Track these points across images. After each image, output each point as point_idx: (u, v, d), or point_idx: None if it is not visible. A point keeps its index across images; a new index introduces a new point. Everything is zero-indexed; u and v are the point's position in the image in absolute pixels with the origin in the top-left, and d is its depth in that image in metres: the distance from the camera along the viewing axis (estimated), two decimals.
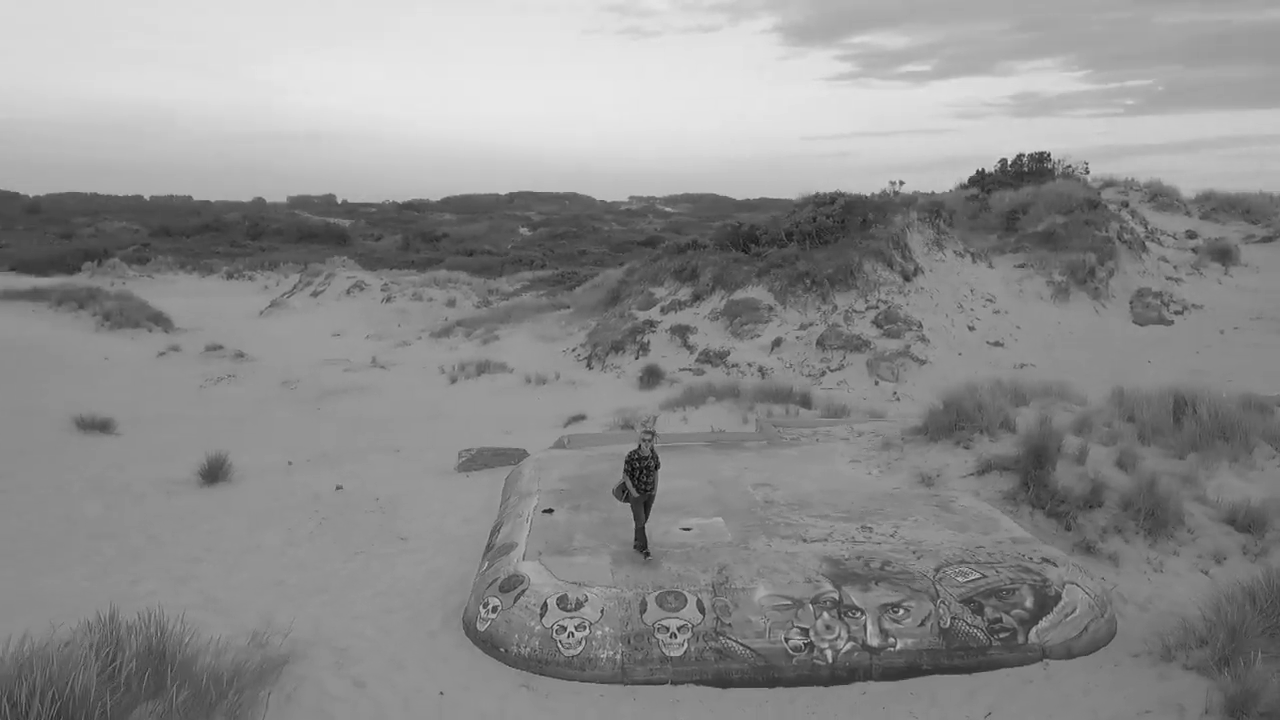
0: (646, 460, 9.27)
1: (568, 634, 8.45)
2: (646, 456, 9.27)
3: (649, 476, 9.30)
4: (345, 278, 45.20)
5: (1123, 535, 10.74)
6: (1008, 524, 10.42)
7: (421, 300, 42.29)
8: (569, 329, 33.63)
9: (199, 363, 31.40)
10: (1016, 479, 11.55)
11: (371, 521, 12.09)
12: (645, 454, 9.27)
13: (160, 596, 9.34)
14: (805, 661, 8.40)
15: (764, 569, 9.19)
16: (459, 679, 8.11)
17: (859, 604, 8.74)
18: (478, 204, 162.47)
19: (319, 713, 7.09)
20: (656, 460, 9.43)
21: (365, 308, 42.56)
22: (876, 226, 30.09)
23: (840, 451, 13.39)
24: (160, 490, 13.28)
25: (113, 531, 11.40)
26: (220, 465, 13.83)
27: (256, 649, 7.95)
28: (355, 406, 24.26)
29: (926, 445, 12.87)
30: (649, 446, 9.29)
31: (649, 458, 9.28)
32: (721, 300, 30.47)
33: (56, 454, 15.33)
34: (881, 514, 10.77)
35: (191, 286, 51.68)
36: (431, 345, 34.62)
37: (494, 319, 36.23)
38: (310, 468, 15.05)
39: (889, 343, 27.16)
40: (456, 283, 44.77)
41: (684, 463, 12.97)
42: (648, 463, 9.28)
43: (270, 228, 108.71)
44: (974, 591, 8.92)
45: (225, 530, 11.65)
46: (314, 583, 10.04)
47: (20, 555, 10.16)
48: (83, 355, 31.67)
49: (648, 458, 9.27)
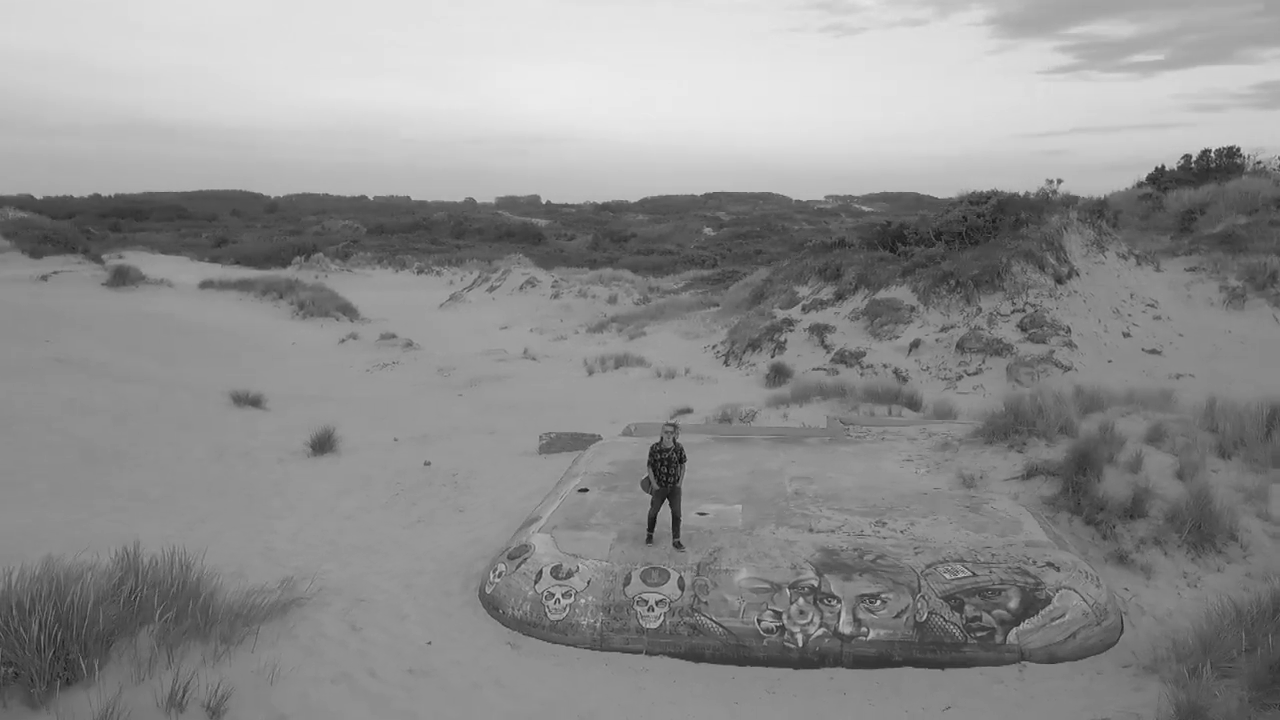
0: (668, 452, 9.54)
1: (555, 600, 9.12)
2: (668, 449, 9.54)
3: (671, 469, 9.57)
4: (519, 274, 47.52)
5: (1162, 547, 10.30)
6: (1031, 528, 10.23)
7: (585, 297, 43.92)
8: (713, 326, 34.16)
9: (372, 350, 34.08)
10: (1060, 485, 11.24)
11: (441, 494, 13.18)
12: (667, 446, 9.55)
13: (229, 544, 10.73)
14: (775, 643, 8.71)
15: (755, 554, 9.52)
16: (452, 633, 8.95)
17: (837, 593, 8.94)
18: (672, 205, 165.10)
19: (307, 648, 8.09)
20: (681, 453, 9.64)
21: (534, 303, 44.66)
22: (1029, 226, 28.88)
23: (898, 451, 13.34)
24: (275, 458, 14.95)
25: (221, 490, 13.03)
26: (329, 438, 15.39)
27: (285, 592, 9.08)
28: (494, 394, 25.80)
29: (982, 447, 12.66)
30: (670, 439, 9.59)
31: (670, 450, 9.55)
32: (863, 300, 30.15)
33: (210, 424, 17.43)
34: (904, 511, 10.79)
35: (385, 280, 55.74)
36: (585, 339, 36.03)
37: (646, 316, 37.25)
38: (413, 445, 16.42)
39: (1032, 348, 26.09)
40: (620, 280, 46.18)
41: (736, 453, 13.35)
42: (669, 455, 9.55)
43: (472, 227, 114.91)
44: (958, 589, 8.93)
45: (311, 494, 13.05)
46: (367, 543, 11.18)
47: (131, 508, 11.86)
48: (274, 340, 35.07)
49: (669, 450, 9.55)
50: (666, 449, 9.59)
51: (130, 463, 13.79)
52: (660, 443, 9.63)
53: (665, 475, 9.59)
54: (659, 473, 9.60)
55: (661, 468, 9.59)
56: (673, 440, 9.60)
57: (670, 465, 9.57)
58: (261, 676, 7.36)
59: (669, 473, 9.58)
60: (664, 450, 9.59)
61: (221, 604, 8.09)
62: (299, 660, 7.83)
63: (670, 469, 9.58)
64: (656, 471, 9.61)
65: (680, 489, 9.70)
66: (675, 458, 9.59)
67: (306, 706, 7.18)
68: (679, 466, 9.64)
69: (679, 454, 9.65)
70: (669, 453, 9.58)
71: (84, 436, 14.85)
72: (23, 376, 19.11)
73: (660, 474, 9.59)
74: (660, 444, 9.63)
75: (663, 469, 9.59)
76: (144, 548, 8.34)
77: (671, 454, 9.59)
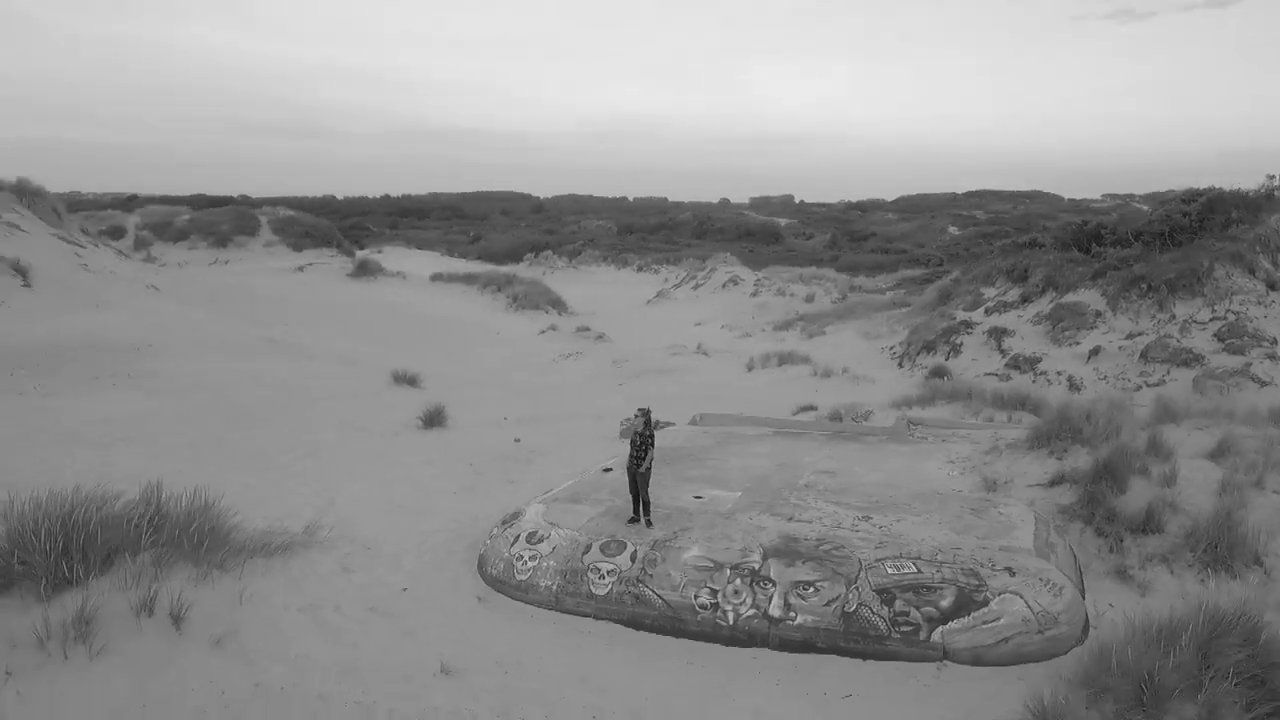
0: (643, 435, 10.23)
1: (523, 562, 10.01)
2: (638, 431, 10.29)
3: (637, 451, 10.22)
4: (724, 273, 48.42)
5: (1169, 565, 9.70)
6: (1024, 534, 9.93)
7: (783, 295, 44.10)
8: (896, 327, 33.44)
9: (566, 340, 36.22)
10: (1079, 493, 10.74)
11: (507, 468, 14.39)
12: (642, 431, 10.27)
13: (297, 497, 12.45)
14: (708, 619, 9.15)
15: (717, 535, 9.95)
16: (434, 584, 10.04)
17: (774, 577, 9.23)
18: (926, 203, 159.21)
19: (293, 581, 9.45)
20: (647, 437, 10.23)
21: (733, 300, 45.39)
22: (1240, 226, 26.19)
23: (947, 453, 13.07)
24: (389, 431, 16.77)
25: (323, 454, 14.90)
26: (439, 414, 17.04)
27: (306, 535, 10.58)
28: (651, 386, 26.88)
29: (1025, 453, 12.18)
30: (640, 422, 10.31)
31: (637, 433, 10.26)
32: (1049, 303, 28.56)
33: (358, 398, 19.68)
34: (901, 508, 10.75)
35: (606, 277, 58.41)
36: (767, 337, 36.36)
37: (833, 315, 37.01)
38: (520, 425, 17.79)
39: (1227, 359, 23.78)
40: (822, 279, 45.91)
41: (781, 446, 13.61)
42: (645, 437, 10.23)
43: (714, 226, 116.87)
44: (894, 583, 8.95)
45: (400, 462, 14.63)
46: (413, 505, 12.53)
47: (237, 462, 13.87)
48: (482, 329, 38.06)
49: (638, 432, 10.27)
50: (642, 431, 10.23)
51: (264, 427, 16.03)
52: (638, 426, 10.29)
53: (632, 456, 10.24)
54: (635, 450, 10.25)
55: (639, 448, 10.25)
56: (642, 424, 10.24)
57: (635, 448, 10.21)
58: (235, 598, 8.77)
59: (634, 454, 10.23)
60: (640, 433, 10.25)
61: (226, 538, 9.56)
62: (278, 589, 9.22)
63: (636, 451, 10.21)
64: (633, 450, 10.27)
65: (648, 472, 10.31)
66: (639, 440, 10.22)
67: (260, 625, 8.51)
68: (646, 449, 10.25)
69: (644, 437, 10.25)
70: (643, 435, 10.23)
71: (243, 404, 17.37)
72: (235, 353, 22.34)
73: (634, 452, 10.26)
74: (640, 429, 10.28)
75: (638, 448, 10.24)
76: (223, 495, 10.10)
77: (646, 437, 10.22)
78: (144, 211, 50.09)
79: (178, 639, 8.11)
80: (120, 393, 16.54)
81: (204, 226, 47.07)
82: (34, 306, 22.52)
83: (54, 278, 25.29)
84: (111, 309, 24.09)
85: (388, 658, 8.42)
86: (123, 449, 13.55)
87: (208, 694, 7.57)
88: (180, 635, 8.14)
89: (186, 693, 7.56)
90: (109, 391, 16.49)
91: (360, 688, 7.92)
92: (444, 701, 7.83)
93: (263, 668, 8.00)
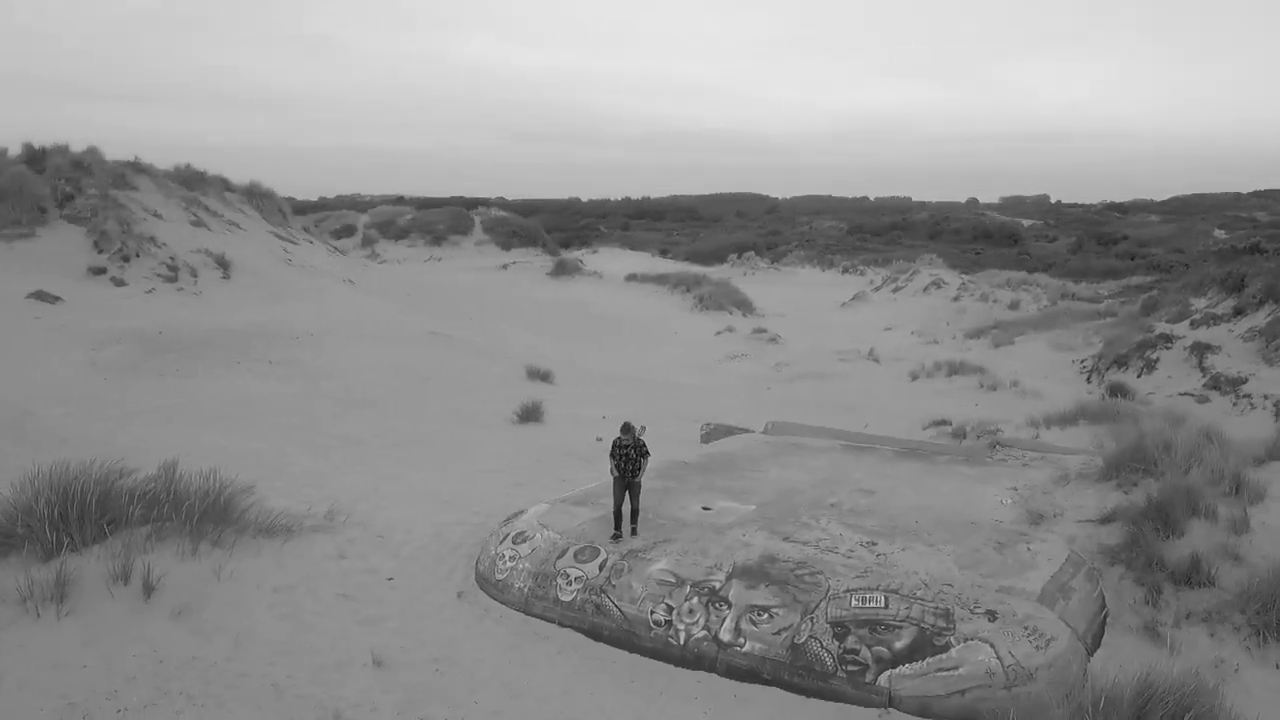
0: (627, 449, 9.91)
1: (504, 561, 9.97)
2: (627, 444, 9.92)
3: (630, 464, 9.91)
4: (927, 275, 46.16)
5: (1210, 626, 8.26)
6: (1036, 575, 8.77)
7: (986, 301, 41.42)
8: (1093, 338, 30.54)
9: (741, 342, 35.84)
10: (1127, 534, 9.35)
11: (568, 466, 14.37)
12: (626, 442, 9.93)
13: (350, 481, 13.03)
14: (660, 636, 8.74)
15: (693, 549, 9.48)
16: (423, 577, 10.18)
17: (731, 598, 8.68)
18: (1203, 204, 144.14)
19: (281, 562, 9.84)
20: (642, 449, 9.97)
21: (931, 305, 43.13)
22: None
23: (1012, 479, 11.74)
24: (490, 423, 17.21)
25: (411, 443, 15.50)
26: (536, 410, 17.30)
27: (325, 520, 11.07)
28: (802, 391, 26.11)
29: (1093, 483, 10.74)
30: (630, 437, 9.96)
31: (629, 445, 9.92)
32: (1266, 317, 25.09)
33: (481, 390, 20.33)
34: (915, 536, 9.79)
35: (808, 277, 57.17)
36: (953, 345, 34.29)
37: (1031, 323, 34.38)
38: (614, 423, 17.72)
39: None
40: (1032, 285, 42.68)
41: (832, 460, 12.77)
42: (628, 450, 9.92)
43: (950, 227, 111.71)
44: (851, 617, 8.17)
45: (478, 454, 14.94)
46: (454, 495, 12.76)
47: (319, 444, 14.69)
48: (660, 328, 38.35)
49: (628, 445, 9.92)
50: (625, 444, 9.92)
51: (373, 413, 16.91)
52: (621, 438, 9.97)
53: (625, 468, 9.92)
54: (620, 465, 9.93)
55: (623, 462, 9.92)
56: (633, 437, 9.90)
57: (629, 460, 9.90)
58: (214, 574, 9.29)
59: (627, 467, 9.91)
60: (623, 446, 9.93)
61: (234, 515, 10.13)
62: (263, 569, 9.67)
63: (629, 464, 9.90)
64: (619, 464, 9.94)
65: (640, 483, 10.02)
66: (634, 454, 9.91)
67: (226, 601, 8.96)
68: (641, 461, 9.97)
69: (639, 449, 9.97)
70: (628, 449, 9.91)
71: (365, 391, 18.42)
72: (388, 343, 23.73)
73: (621, 466, 9.93)
74: (620, 440, 9.97)
75: (624, 462, 9.92)
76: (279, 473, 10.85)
77: (630, 450, 9.91)
78: (374, 211, 54.32)
79: (143, 608, 8.69)
80: (252, 378, 18.00)
81: (423, 225, 50.38)
82: (223, 297, 24.97)
83: (252, 271, 27.92)
84: (292, 301, 26.26)
85: (331, 644, 8.63)
86: (220, 427, 14.71)
87: (145, 661, 8.06)
88: (147, 605, 8.72)
89: (127, 658, 8.08)
90: (242, 376, 17.98)
91: (287, 670, 8.17)
92: (354, 692, 7.93)
93: (207, 641, 8.42)
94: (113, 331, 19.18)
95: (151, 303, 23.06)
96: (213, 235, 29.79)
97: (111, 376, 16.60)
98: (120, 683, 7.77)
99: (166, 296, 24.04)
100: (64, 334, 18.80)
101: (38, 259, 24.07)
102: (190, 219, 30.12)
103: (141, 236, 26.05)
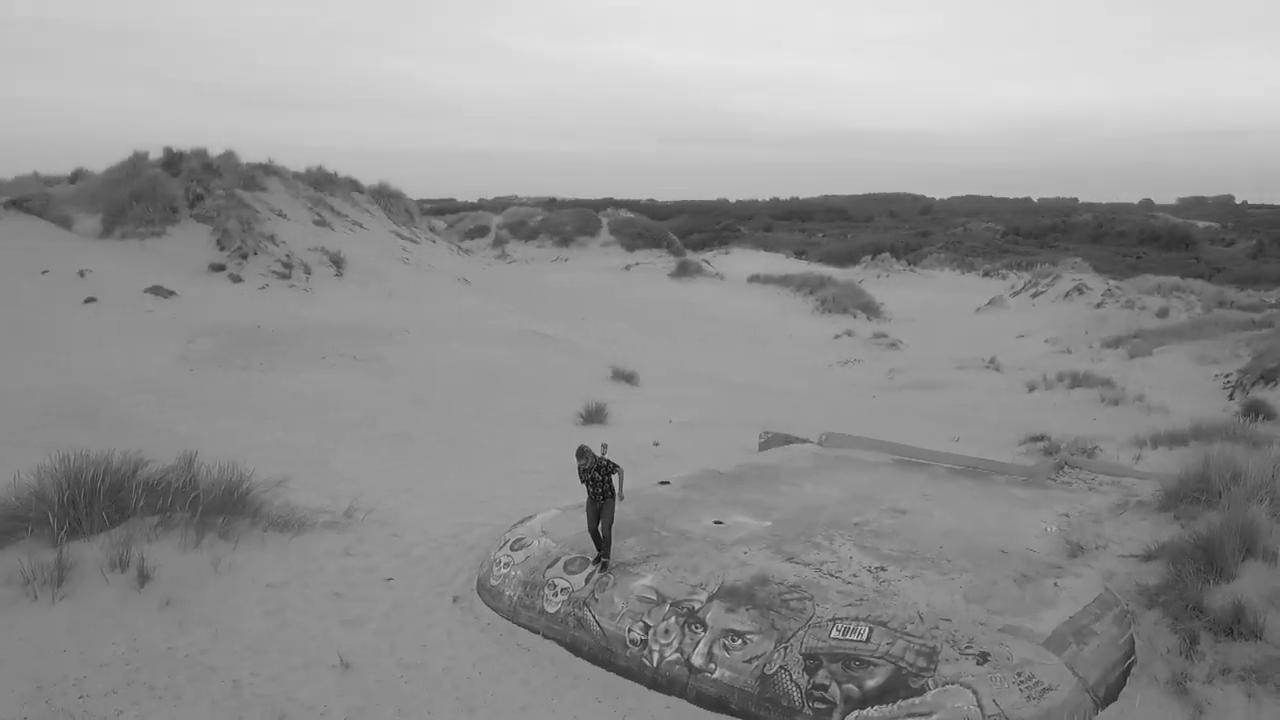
0: (590, 472, 9.11)
1: (499, 567, 9.73)
2: (587, 468, 9.12)
3: (596, 488, 9.14)
4: (1069, 280, 43.49)
5: (1247, 685, 7.19)
6: (1053, 615, 7.87)
7: (1132, 308, 38.61)
8: (1241, 350, 27.91)
9: (855, 346, 34.68)
10: (1169, 573, 8.27)
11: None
12: (585, 466, 9.13)
13: (386, 477, 13.12)
14: (635, 656, 8.32)
15: (683, 566, 8.98)
16: (425, 579, 10.05)
17: (708, 621, 8.16)
18: None
19: (284, 557, 9.90)
20: (606, 468, 9.16)
21: (1071, 312, 40.56)
22: None
23: (1070, 504, 10.64)
24: (552, 424, 17.06)
25: (466, 441, 15.48)
26: (599, 412, 17.03)
27: (345, 517, 11.13)
28: (906, 400, 24.95)
29: (1150, 514, 9.58)
30: (587, 460, 9.16)
31: (590, 469, 9.12)
32: None
33: (563, 389, 20.22)
34: (931, 563, 8.97)
35: (946, 281, 54.81)
36: (1087, 354, 32.11)
37: (1174, 333, 31.77)
38: (680, 429, 17.27)
39: None
40: (1185, 291, 39.46)
41: (877, 475, 11.96)
42: (590, 474, 9.11)
43: (1113, 229, 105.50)
44: (827, 649, 7.52)
45: (526, 454, 14.78)
46: (487, 496, 12.63)
47: (377, 444, 14.80)
48: (775, 330, 37.57)
49: (589, 469, 9.12)
50: (585, 468, 9.11)
51: (435, 410, 17.04)
52: (579, 463, 9.17)
53: (594, 491, 9.15)
54: (589, 489, 9.17)
55: (590, 485, 9.15)
56: (591, 459, 9.13)
57: (594, 483, 9.13)
58: (212, 566, 9.44)
59: (595, 490, 9.14)
60: (583, 470, 9.14)
61: (250, 508, 10.31)
62: (263, 563, 9.75)
63: (595, 486, 9.14)
64: (588, 488, 9.18)
65: (613, 506, 9.18)
66: (598, 476, 9.10)
67: (216, 594, 9.08)
68: (610, 480, 9.14)
69: (603, 469, 9.13)
70: (590, 472, 9.11)
71: (438, 387, 18.62)
72: (480, 341, 24.02)
73: (590, 490, 9.17)
74: (579, 464, 9.16)
75: (591, 485, 9.14)
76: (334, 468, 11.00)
77: (593, 472, 9.10)
78: (507, 213, 55.44)
79: (135, 596, 8.88)
80: (331, 372, 18.47)
81: (552, 227, 51.08)
82: (331, 294, 25.87)
83: (365, 269, 28.84)
84: (399, 299, 26.97)
85: (306, 643, 8.59)
86: (280, 421, 15.12)
87: (121, 649, 8.21)
88: (140, 593, 8.91)
89: (105, 645, 8.25)
90: (322, 370, 18.48)
91: (253, 667, 8.16)
92: (311, 694, 7.84)
93: (185, 633, 8.53)
94: (211, 325, 20.10)
95: (260, 298, 24.09)
96: (333, 234, 30.97)
97: (196, 368, 17.36)
98: (92, 669, 7.94)
99: (278, 292, 25.07)
100: (167, 327, 19.82)
101: (166, 256, 25.55)
102: (314, 218, 31.40)
103: (261, 235, 27.29)
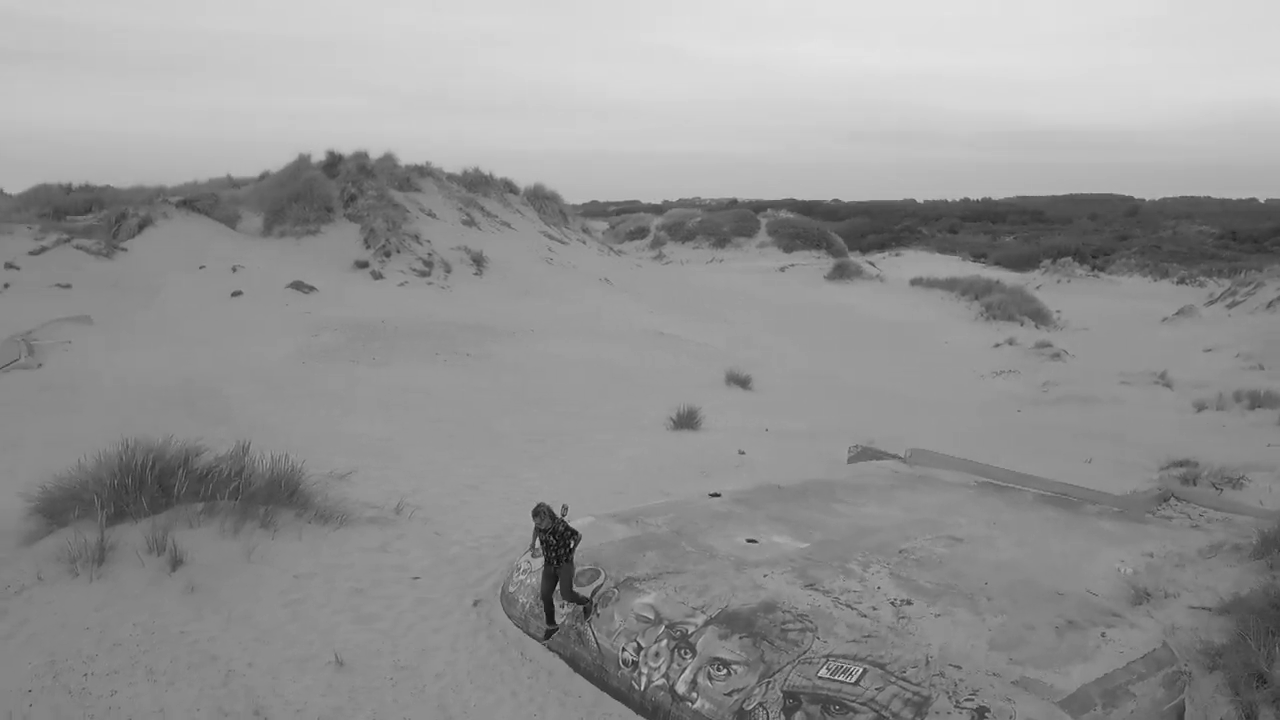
0: (545, 534, 8.44)
1: (518, 574, 9.50)
2: (545, 530, 8.43)
3: (551, 552, 8.47)
4: (1274, 289, 39.27)
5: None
6: (1079, 671, 6.88)
7: None
8: None
9: (1014, 356, 32.65)
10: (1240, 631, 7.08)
11: (682, 478, 13.52)
12: (544, 527, 8.42)
13: (455, 477, 13.18)
14: (625, 678, 7.91)
15: (690, 585, 8.47)
16: (452, 580, 9.96)
17: (698, 647, 7.63)
18: None
19: (317, 548, 10.02)
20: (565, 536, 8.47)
21: (1273, 324, 36.58)
22: None
23: (1155, 543, 9.34)
24: (646, 426, 16.71)
25: (553, 442, 15.37)
26: (691, 417, 16.55)
27: (393, 513, 11.24)
28: (1057, 416, 23.24)
29: (1242, 560, 8.25)
30: (546, 522, 8.42)
31: (548, 532, 8.42)
32: None
33: (669, 390, 19.80)
34: (969, 600, 8.07)
35: (1133, 288, 50.76)
36: (1277, 372, 28.75)
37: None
38: (778, 438, 16.54)
39: None
40: None
41: (950, 497, 10.97)
42: (548, 539, 8.45)
43: None
44: (810, 689, 6.85)
45: (607, 458, 14.48)
46: (548, 498, 12.43)
47: (463, 442, 14.77)
48: (932, 337, 35.83)
49: (546, 532, 8.43)
50: (544, 530, 8.44)
51: (532, 409, 17.05)
52: (537, 524, 8.47)
53: (549, 556, 8.51)
54: (544, 553, 8.55)
55: (545, 550, 8.52)
56: (551, 522, 8.42)
57: (550, 548, 8.47)
58: (245, 554, 9.66)
59: (550, 555, 8.49)
60: (541, 531, 8.46)
61: (287, 498, 10.55)
62: (297, 554, 9.92)
63: (551, 551, 8.47)
64: (543, 552, 8.56)
65: (570, 568, 8.52)
66: (554, 540, 8.44)
67: (241, 583, 9.27)
68: (565, 548, 8.48)
69: (561, 536, 8.46)
70: (546, 534, 8.44)
71: (541, 386, 18.66)
72: (600, 341, 23.98)
73: (545, 554, 8.56)
74: (538, 525, 8.47)
75: (547, 550, 8.51)
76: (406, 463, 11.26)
77: (550, 536, 8.44)
78: (667, 214, 55.49)
79: (164, 579, 9.22)
80: (441, 368, 18.84)
81: (709, 228, 50.72)
82: (467, 292, 26.53)
83: (505, 268, 29.45)
84: (533, 298, 27.37)
85: (311, 637, 8.65)
86: (373, 414, 15.53)
87: (138, 631, 8.52)
88: (170, 577, 9.24)
89: (126, 625, 8.58)
90: (432, 366, 18.87)
91: (251, 659, 8.27)
92: (295, 691, 7.86)
93: (201, 619, 8.76)
94: (339, 320, 20.95)
95: (397, 295, 24.98)
96: (479, 234, 31.80)
97: (309, 361, 18.10)
98: (105, 648, 8.25)
99: (415, 289, 25.94)
100: (299, 321, 20.81)
101: (316, 253, 26.94)
102: (462, 218, 32.36)
103: (406, 234, 28.34)
